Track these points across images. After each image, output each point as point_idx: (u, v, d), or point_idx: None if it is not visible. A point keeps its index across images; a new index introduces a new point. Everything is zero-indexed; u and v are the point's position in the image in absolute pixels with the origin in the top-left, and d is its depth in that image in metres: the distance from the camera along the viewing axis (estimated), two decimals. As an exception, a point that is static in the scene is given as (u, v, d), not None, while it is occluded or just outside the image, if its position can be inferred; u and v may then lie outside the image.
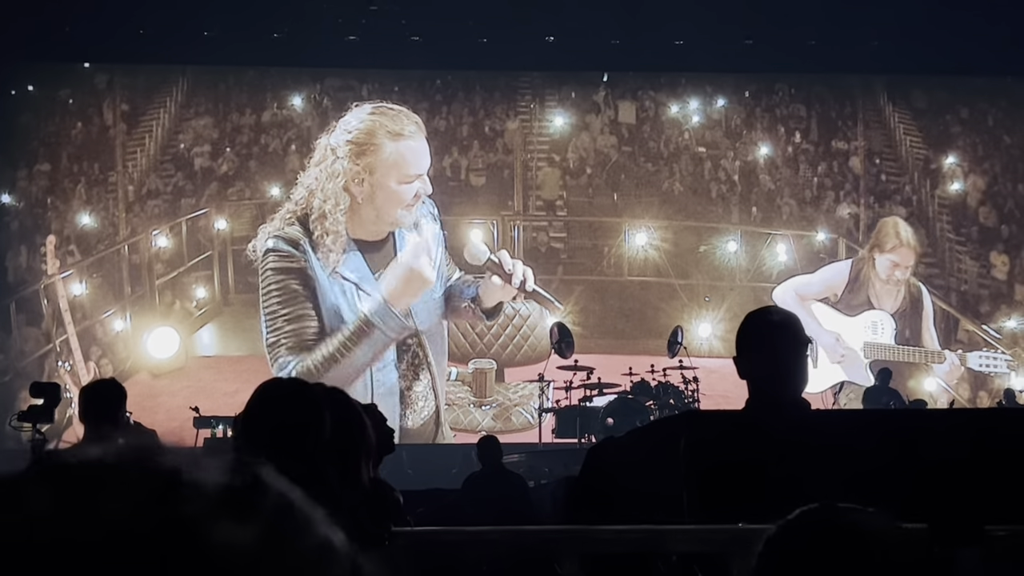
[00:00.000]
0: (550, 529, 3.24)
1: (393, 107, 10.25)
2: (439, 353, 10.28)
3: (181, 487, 0.53)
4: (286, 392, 2.56)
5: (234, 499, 0.54)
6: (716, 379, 11.14)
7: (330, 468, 2.46)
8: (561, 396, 11.01)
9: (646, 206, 14.23)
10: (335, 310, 9.50)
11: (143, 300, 13.38)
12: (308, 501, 0.57)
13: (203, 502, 0.53)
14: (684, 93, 14.55)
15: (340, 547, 0.56)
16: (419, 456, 10.30)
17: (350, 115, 10.14)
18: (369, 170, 9.57)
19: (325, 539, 0.56)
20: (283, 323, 9.42)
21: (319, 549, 0.55)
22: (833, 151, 14.51)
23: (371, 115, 10.00)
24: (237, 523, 0.53)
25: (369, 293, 9.47)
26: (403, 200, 9.60)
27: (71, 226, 13.56)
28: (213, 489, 0.54)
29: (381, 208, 9.60)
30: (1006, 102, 14.73)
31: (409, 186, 9.62)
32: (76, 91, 13.97)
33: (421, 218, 9.97)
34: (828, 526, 1.25)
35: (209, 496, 0.53)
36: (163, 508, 0.52)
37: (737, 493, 2.87)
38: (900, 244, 12.40)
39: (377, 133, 9.75)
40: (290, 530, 0.55)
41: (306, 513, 0.56)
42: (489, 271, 9.50)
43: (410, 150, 9.69)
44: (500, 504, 7.96)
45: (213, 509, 0.53)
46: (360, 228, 9.73)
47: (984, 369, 12.24)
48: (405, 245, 9.78)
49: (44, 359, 12.97)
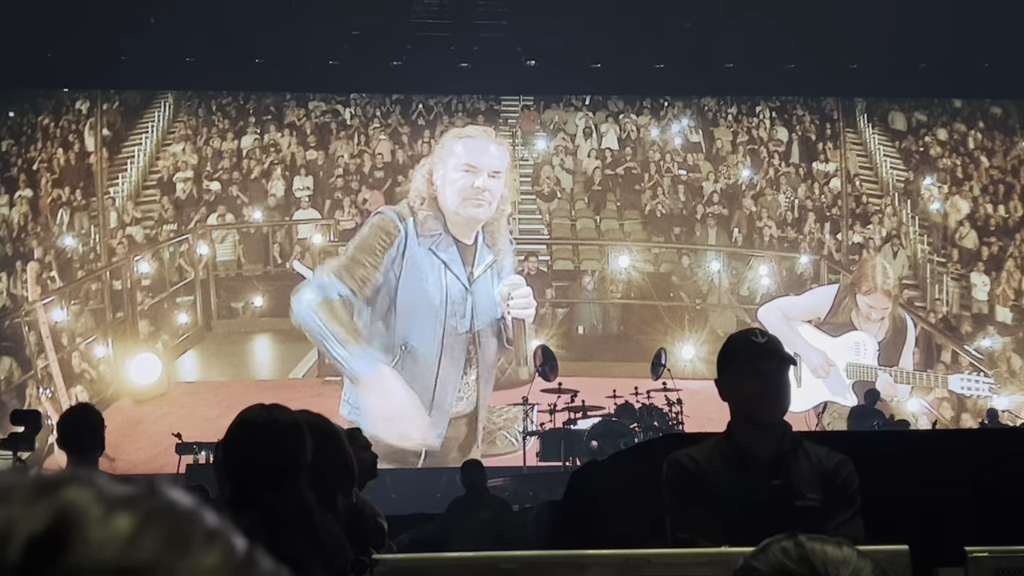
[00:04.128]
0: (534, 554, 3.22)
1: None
2: (487, 362, 10.76)
3: (72, 483, 0.56)
4: (268, 418, 2.55)
5: (121, 493, 0.56)
6: (700, 401, 11.12)
7: (311, 494, 2.45)
8: (545, 419, 10.98)
9: (628, 229, 14.28)
10: (421, 280, 10.28)
11: (125, 326, 13.31)
12: (202, 504, 0.58)
13: (89, 494, 0.55)
14: (666, 116, 14.64)
15: (231, 539, 0.57)
16: (403, 480, 10.26)
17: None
18: (440, 159, 10.54)
19: (214, 530, 0.56)
20: (347, 258, 10.27)
21: (206, 536, 0.56)
22: (814, 173, 14.60)
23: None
24: (121, 509, 0.55)
25: (456, 275, 10.33)
26: (462, 189, 10.32)
27: (52, 252, 13.50)
28: (102, 487, 0.56)
29: (448, 200, 10.30)
30: (984, 124, 14.87)
31: (466, 175, 10.35)
32: (57, 117, 13.94)
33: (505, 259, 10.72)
34: (794, 557, 1.25)
35: (96, 491, 0.55)
36: (48, 496, 0.55)
37: (720, 515, 2.86)
38: (875, 289, 12.31)
39: (446, 133, 11.40)
40: (175, 518, 0.56)
41: (197, 510, 0.57)
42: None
43: (467, 144, 10.57)
44: (484, 528, 7.92)
45: (98, 500, 0.55)
46: (452, 226, 10.41)
47: (966, 392, 12.25)
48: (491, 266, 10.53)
49: (24, 386, 12.88)
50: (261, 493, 2.40)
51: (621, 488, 4.25)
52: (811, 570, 1.23)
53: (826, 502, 2.92)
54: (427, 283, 10.32)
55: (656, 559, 2.49)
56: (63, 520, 0.54)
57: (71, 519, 0.54)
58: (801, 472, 2.96)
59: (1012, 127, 14.87)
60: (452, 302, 10.30)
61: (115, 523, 0.54)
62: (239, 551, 0.56)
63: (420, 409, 10.34)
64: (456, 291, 10.35)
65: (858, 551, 1.26)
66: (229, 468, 2.50)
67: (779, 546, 1.26)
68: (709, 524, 2.84)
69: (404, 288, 10.28)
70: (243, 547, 0.56)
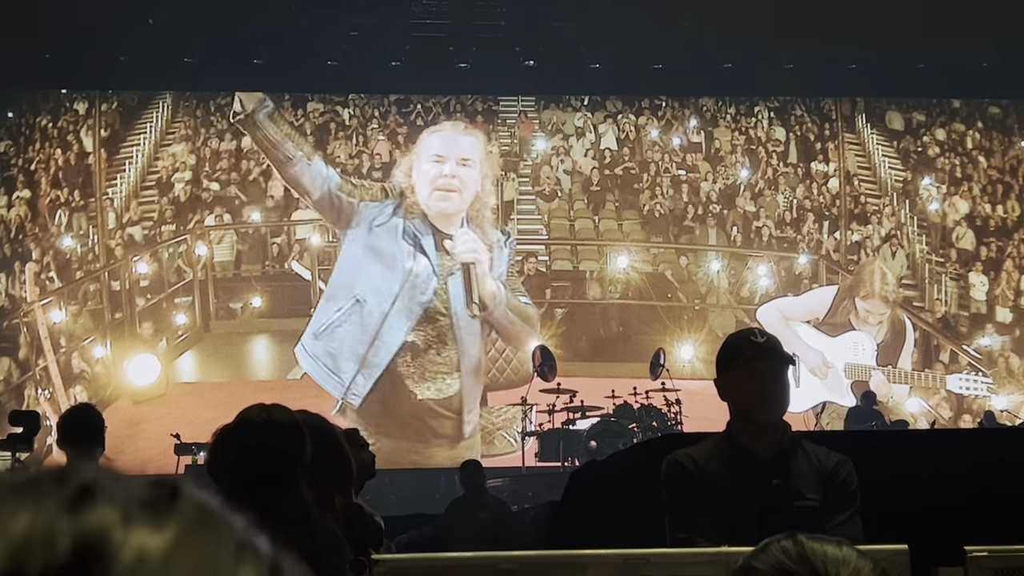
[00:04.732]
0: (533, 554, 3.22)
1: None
2: (469, 342, 11.19)
3: (94, 496, 0.51)
4: (267, 419, 2.55)
5: (146, 507, 0.52)
6: (698, 401, 11.12)
7: (309, 494, 2.45)
8: (544, 419, 10.98)
9: (627, 229, 14.28)
10: (392, 244, 10.89)
11: (123, 326, 13.30)
12: (227, 508, 0.55)
13: (114, 509, 0.51)
14: (664, 117, 14.64)
15: (259, 550, 0.54)
16: (402, 481, 10.26)
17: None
18: (416, 155, 11.19)
19: (242, 543, 0.54)
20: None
21: (236, 553, 0.53)
22: (812, 174, 14.60)
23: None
24: (148, 529, 0.50)
25: (427, 254, 10.86)
26: (433, 179, 10.82)
27: (51, 253, 13.48)
28: (125, 498, 0.52)
29: (421, 193, 10.81)
30: (983, 124, 14.87)
31: (436, 164, 10.84)
32: (55, 117, 13.92)
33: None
34: (793, 557, 1.25)
35: (120, 504, 0.52)
36: (72, 516, 0.50)
37: (720, 515, 2.86)
38: (872, 295, 12.32)
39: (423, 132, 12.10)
40: (205, 536, 0.53)
41: (224, 519, 0.54)
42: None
43: (438, 136, 11.21)
44: (483, 528, 7.92)
45: (124, 516, 0.51)
46: (432, 219, 10.90)
47: (964, 391, 12.26)
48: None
49: (23, 387, 12.87)
50: (260, 493, 2.39)
51: (620, 488, 4.25)
52: (811, 569, 1.23)
53: (825, 502, 2.92)
54: (398, 251, 10.83)
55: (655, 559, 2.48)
56: (86, 548, 0.49)
57: (94, 547, 0.49)
58: (800, 472, 2.96)
59: (1010, 127, 14.87)
60: (415, 275, 10.78)
61: (143, 547, 0.50)
62: (267, 562, 0.54)
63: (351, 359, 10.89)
64: (422, 267, 10.81)
65: (857, 551, 1.26)
66: (228, 468, 2.50)
67: (779, 546, 1.26)
68: (708, 524, 2.84)
69: (373, 245, 10.79)
70: (270, 555, 0.55)
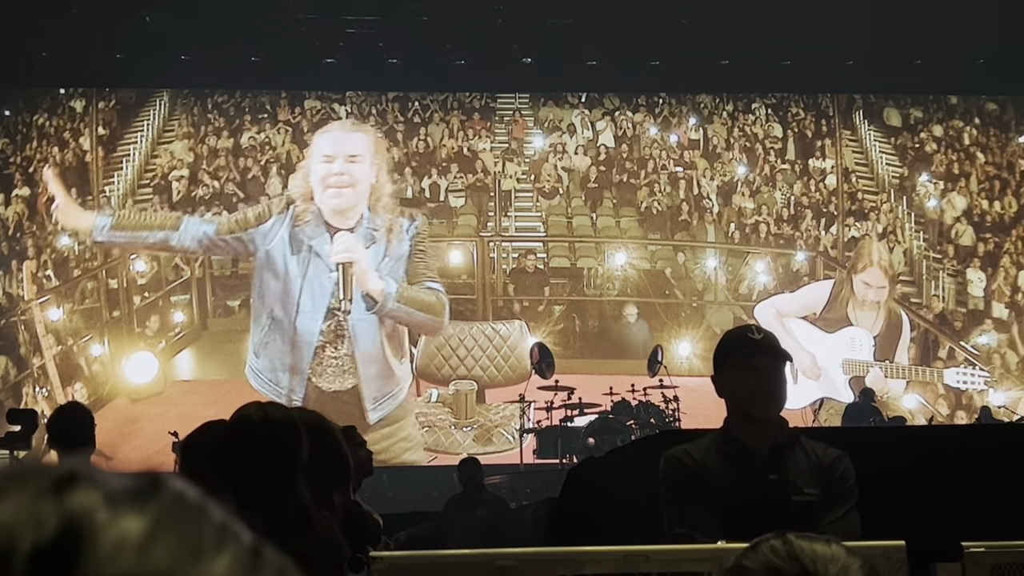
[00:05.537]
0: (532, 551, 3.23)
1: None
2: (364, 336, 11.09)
3: (77, 481, 0.52)
4: (264, 416, 2.55)
5: (129, 492, 0.53)
6: (696, 398, 11.14)
7: (307, 492, 2.45)
8: (542, 416, 10.99)
9: (625, 226, 14.28)
10: (285, 257, 10.94)
11: (121, 324, 13.30)
12: (206, 497, 0.56)
13: (97, 493, 0.52)
14: (662, 113, 14.64)
15: (240, 536, 0.55)
16: (400, 478, 10.27)
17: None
18: (310, 157, 11.24)
19: (223, 527, 0.54)
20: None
21: (217, 536, 0.54)
22: (810, 170, 14.60)
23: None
24: (131, 512, 0.51)
25: (321, 256, 10.83)
26: (323, 178, 10.89)
27: (48, 251, 13.47)
28: (107, 485, 0.53)
29: (316, 192, 10.87)
30: (980, 120, 14.88)
31: (324, 164, 10.89)
32: (53, 116, 13.91)
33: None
34: (782, 555, 1.25)
35: (103, 489, 0.52)
36: (57, 498, 0.50)
37: (718, 511, 2.87)
38: (871, 264, 12.42)
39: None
40: (186, 519, 0.53)
41: (204, 505, 0.55)
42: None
43: (325, 136, 11.28)
44: (481, 525, 7.93)
45: (107, 499, 0.51)
46: (328, 217, 10.91)
47: (961, 385, 12.29)
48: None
49: (20, 385, 12.86)
50: (258, 491, 2.39)
51: (618, 485, 4.26)
52: (800, 568, 1.23)
53: (823, 497, 2.93)
54: (289, 262, 10.90)
55: (654, 555, 2.49)
56: (71, 528, 0.50)
57: (79, 526, 0.50)
58: (798, 467, 2.96)
59: (1007, 123, 14.88)
60: (309, 279, 10.84)
61: (126, 528, 0.51)
62: (247, 546, 0.55)
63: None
64: (319, 269, 10.85)
65: (847, 548, 1.26)
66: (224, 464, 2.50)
67: (768, 544, 1.27)
68: (706, 520, 2.85)
69: (268, 264, 10.91)
70: (250, 541, 0.55)
